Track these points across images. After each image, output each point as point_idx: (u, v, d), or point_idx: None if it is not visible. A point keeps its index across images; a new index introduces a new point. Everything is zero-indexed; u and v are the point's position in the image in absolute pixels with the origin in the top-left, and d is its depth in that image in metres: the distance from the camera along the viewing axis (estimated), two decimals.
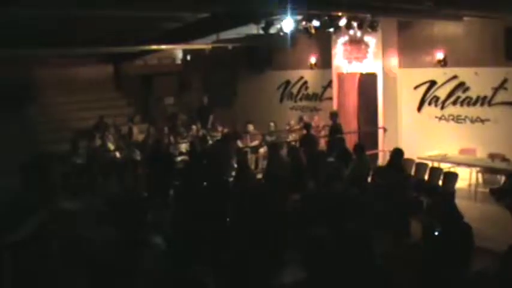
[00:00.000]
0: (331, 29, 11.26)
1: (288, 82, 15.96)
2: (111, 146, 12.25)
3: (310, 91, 15.52)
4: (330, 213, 6.29)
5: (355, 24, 10.91)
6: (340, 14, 10.38)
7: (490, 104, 11.42)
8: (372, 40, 12.61)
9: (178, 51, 17.84)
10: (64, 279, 4.27)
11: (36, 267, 4.21)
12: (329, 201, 6.77)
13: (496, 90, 11.28)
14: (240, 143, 13.07)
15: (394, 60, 12.81)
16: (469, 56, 11.58)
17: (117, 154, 11.95)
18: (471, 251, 5.13)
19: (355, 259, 4.48)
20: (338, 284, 4.28)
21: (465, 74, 11.77)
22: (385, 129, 12.53)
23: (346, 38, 13.07)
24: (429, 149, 11.71)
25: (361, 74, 13.20)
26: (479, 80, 11.51)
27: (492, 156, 10.82)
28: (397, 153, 9.06)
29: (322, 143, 12.41)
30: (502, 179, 10.19)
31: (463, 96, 11.86)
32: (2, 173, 7.62)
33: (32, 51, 12.50)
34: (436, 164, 10.87)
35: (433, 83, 12.34)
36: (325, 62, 14.38)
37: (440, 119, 12.27)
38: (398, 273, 4.81)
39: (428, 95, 12.43)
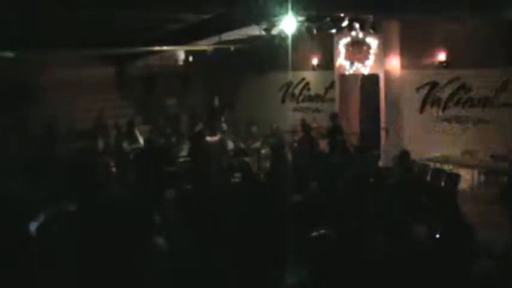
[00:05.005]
0: (333, 30, 11.27)
1: (290, 83, 15.97)
2: (113, 147, 12.27)
3: (312, 92, 15.54)
4: (332, 214, 6.29)
5: (357, 25, 10.91)
6: (342, 15, 10.38)
7: (492, 105, 11.42)
8: (374, 41, 12.60)
9: (180, 52, 17.86)
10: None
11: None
12: (331, 201, 6.77)
13: (498, 91, 11.29)
14: (241, 144, 13.08)
15: (396, 62, 12.81)
16: (471, 57, 11.58)
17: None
18: (474, 253, 5.11)
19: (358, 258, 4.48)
20: (340, 283, 4.28)
21: (467, 75, 11.77)
22: (387, 130, 12.52)
23: (348, 39, 13.07)
24: (431, 150, 11.71)
25: (363, 75, 13.19)
26: (481, 81, 11.50)
27: (494, 157, 10.81)
28: (405, 154, 9.04)
29: (323, 144, 12.40)
30: (505, 180, 10.18)
31: (465, 97, 11.86)
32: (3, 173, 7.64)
33: (34, 52, 12.51)
34: (438, 166, 10.86)
35: (435, 84, 12.34)
36: (327, 63, 14.39)
37: (442, 120, 12.26)
38: (400, 273, 4.80)
39: (430, 96, 12.43)
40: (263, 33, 10.80)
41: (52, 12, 8.48)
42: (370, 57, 12.78)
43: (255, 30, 11.58)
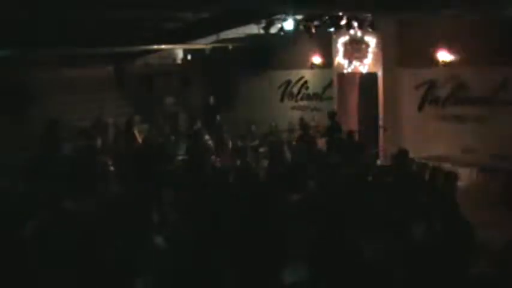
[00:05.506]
0: (332, 29, 11.26)
1: (288, 82, 15.98)
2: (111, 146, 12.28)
3: (310, 91, 15.54)
4: (330, 213, 6.29)
5: (355, 23, 10.90)
6: (340, 13, 10.38)
7: (490, 104, 11.41)
8: (372, 40, 12.59)
9: (179, 51, 17.87)
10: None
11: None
12: (329, 200, 6.78)
13: (496, 90, 11.27)
14: (240, 142, 13.10)
15: (394, 60, 12.79)
16: (470, 55, 11.56)
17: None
18: (473, 251, 5.12)
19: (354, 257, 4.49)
20: (339, 282, 4.29)
21: (466, 73, 11.76)
22: (385, 129, 12.52)
23: (346, 37, 13.06)
24: (430, 148, 11.70)
25: (362, 74, 13.19)
26: (480, 79, 11.49)
27: (493, 156, 10.81)
28: (403, 153, 9.05)
29: (322, 143, 12.42)
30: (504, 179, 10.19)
31: (464, 95, 11.85)
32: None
33: (33, 51, 12.50)
34: (436, 164, 10.85)
35: (433, 82, 12.33)
36: (326, 61, 14.39)
37: (441, 118, 12.25)
38: (399, 272, 4.81)
39: (429, 94, 12.42)
40: (262, 31, 10.81)
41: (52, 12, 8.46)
42: (368, 56, 12.77)
43: (254, 29, 11.59)
